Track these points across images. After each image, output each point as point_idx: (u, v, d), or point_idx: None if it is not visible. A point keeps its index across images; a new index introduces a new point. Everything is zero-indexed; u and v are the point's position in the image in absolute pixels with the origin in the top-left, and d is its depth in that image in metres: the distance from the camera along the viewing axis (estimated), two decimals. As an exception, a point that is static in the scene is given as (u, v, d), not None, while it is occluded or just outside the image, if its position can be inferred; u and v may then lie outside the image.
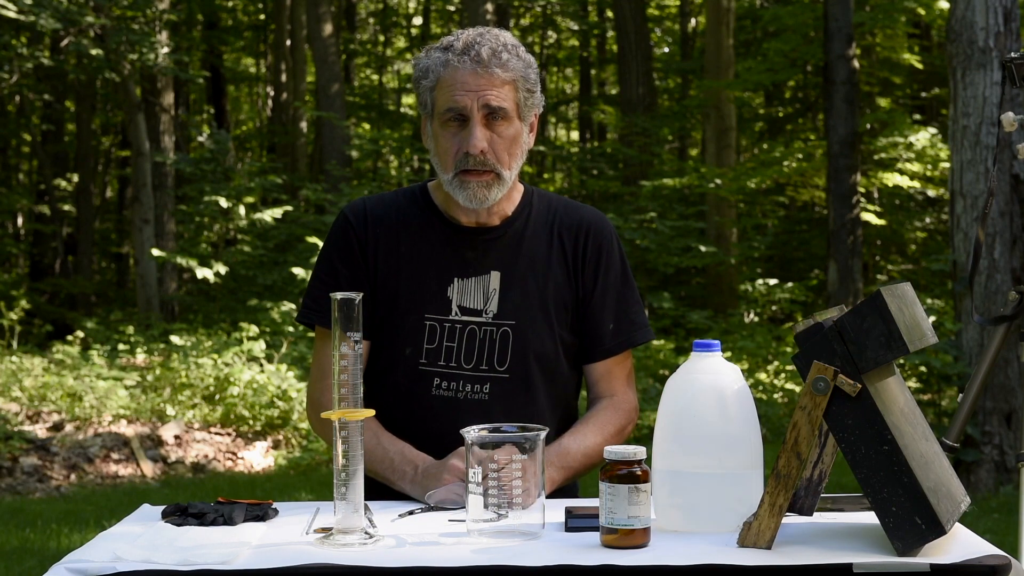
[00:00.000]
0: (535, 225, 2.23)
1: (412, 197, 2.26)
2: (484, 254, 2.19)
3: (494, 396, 2.16)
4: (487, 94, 2.09)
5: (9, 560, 5.16)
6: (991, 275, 6.35)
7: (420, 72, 2.15)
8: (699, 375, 1.71)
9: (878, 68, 15.32)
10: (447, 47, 2.13)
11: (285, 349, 9.68)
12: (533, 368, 2.19)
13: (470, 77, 2.09)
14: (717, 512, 1.67)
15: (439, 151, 2.14)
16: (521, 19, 21.56)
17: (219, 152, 13.47)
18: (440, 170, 2.15)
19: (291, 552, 1.56)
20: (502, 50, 2.11)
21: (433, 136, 2.16)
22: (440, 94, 2.11)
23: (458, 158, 2.11)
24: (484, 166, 2.11)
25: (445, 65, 2.11)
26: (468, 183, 2.11)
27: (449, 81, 2.10)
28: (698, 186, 13.51)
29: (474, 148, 2.09)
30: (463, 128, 2.11)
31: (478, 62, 2.09)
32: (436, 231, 2.21)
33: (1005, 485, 6.26)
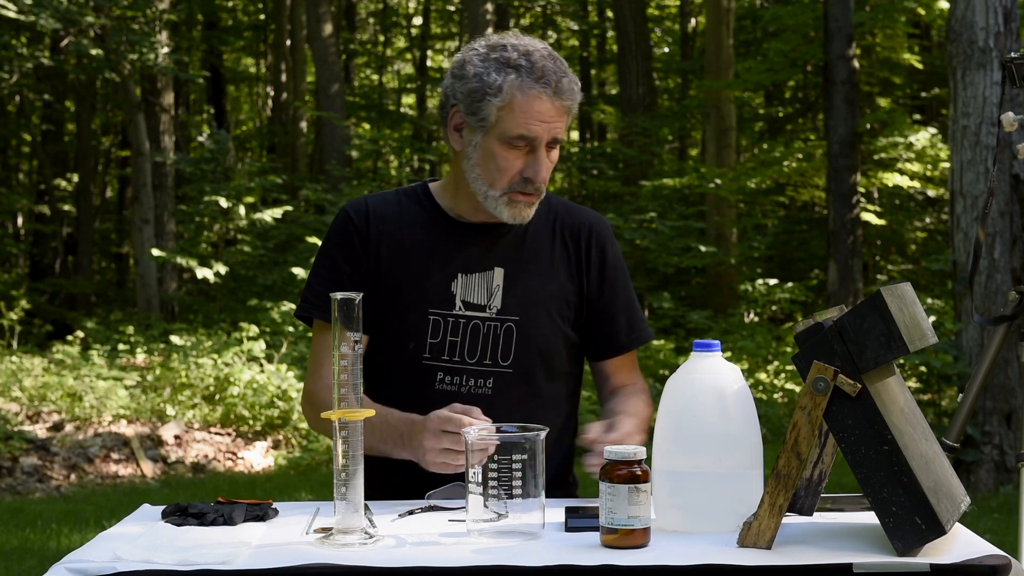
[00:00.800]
0: (537, 223, 2.26)
1: (414, 196, 2.28)
2: (488, 250, 2.22)
3: (497, 391, 2.18)
4: (557, 126, 2.13)
5: (9, 560, 5.16)
6: (991, 275, 6.35)
7: (487, 87, 2.11)
8: (699, 375, 1.71)
9: (878, 68, 15.33)
10: (517, 67, 2.11)
11: (285, 349, 9.68)
12: (536, 363, 2.21)
13: (547, 108, 2.11)
14: (717, 512, 1.67)
15: (494, 168, 2.14)
16: (521, 19, 21.56)
17: (219, 152, 13.47)
18: (483, 184, 2.16)
19: (291, 552, 1.56)
20: (571, 81, 2.15)
21: (485, 151, 2.15)
22: (511, 116, 2.11)
23: (515, 180, 2.14)
24: (537, 190, 2.17)
25: (522, 90, 2.10)
26: (517, 203, 2.16)
27: (525, 107, 2.10)
28: (698, 186, 13.51)
29: (540, 179, 2.15)
30: (527, 153, 2.14)
31: (557, 94, 2.12)
32: (440, 228, 2.23)
33: (1005, 485, 6.26)
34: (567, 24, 20.75)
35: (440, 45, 23.68)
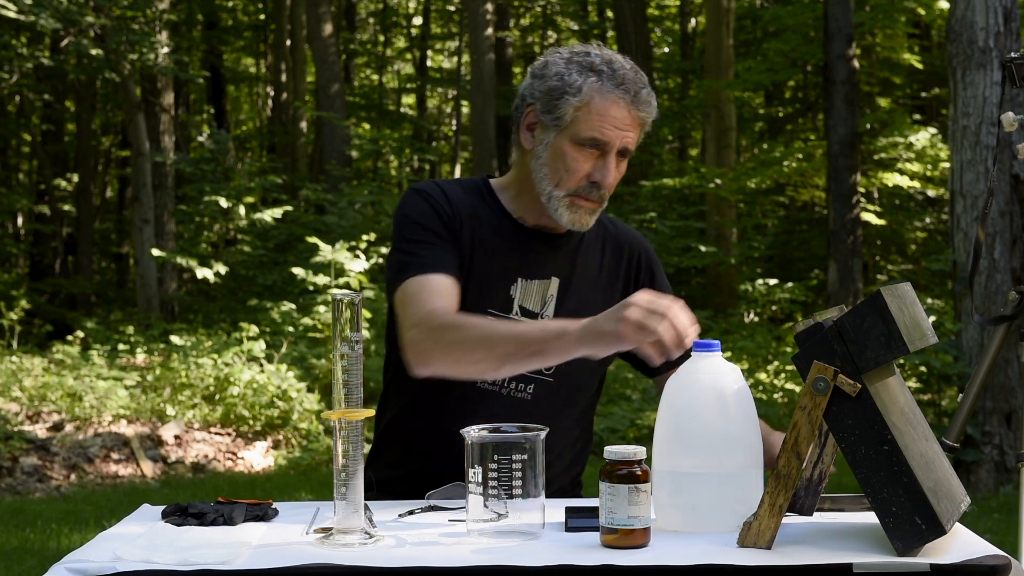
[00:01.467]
0: (589, 237, 2.27)
1: (477, 191, 2.25)
2: (546, 258, 2.21)
3: (536, 397, 2.18)
4: (628, 136, 2.14)
5: (9, 560, 5.16)
6: (991, 275, 6.35)
7: (567, 86, 2.12)
8: (699, 375, 1.71)
9: (878, 68, 15.33)
10: (599, 71, 2.12)
11: (285, 349, 9.69)
12: (576, 375, 2.21)
13: (623, 115, 2.12)
14: (717, 512, 1.67)
15: (562, 168, 2.14)
16: (521, 19, 21.57)
17: (219, 152, 13.48)
18: (549, 182, 2.15)
19: (291, 552, 1.56)
20: (650, 94, 2.16)
21: (555, 150, 2.14)
22: (587, 118, 2.11)
23: (582, 183, 2.14)
24: (601, 198, 2.16)
25: (602, 93, 2.11)
26: (579, 207, 2.15)
27: (603, 110, 2.11)
28: (698, 186, 13.52)
29: (607, 184, 2.14)
30: (598, 157, 2.13)
31: (636, 103, 2.12)
32: (505, 229, 2.21)
33: (1005, 485, 6.27)
34: (567, 24, 20.75)
35: (440, 45, 23.69)
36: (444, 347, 1.98)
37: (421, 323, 2.02)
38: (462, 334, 1.97)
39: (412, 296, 2.07)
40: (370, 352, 9.77)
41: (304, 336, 10.19)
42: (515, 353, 1.93)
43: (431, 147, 21.80)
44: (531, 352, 1.93)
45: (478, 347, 1.95)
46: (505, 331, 1.96)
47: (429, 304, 2.04)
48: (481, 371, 2.00)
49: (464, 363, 1.97)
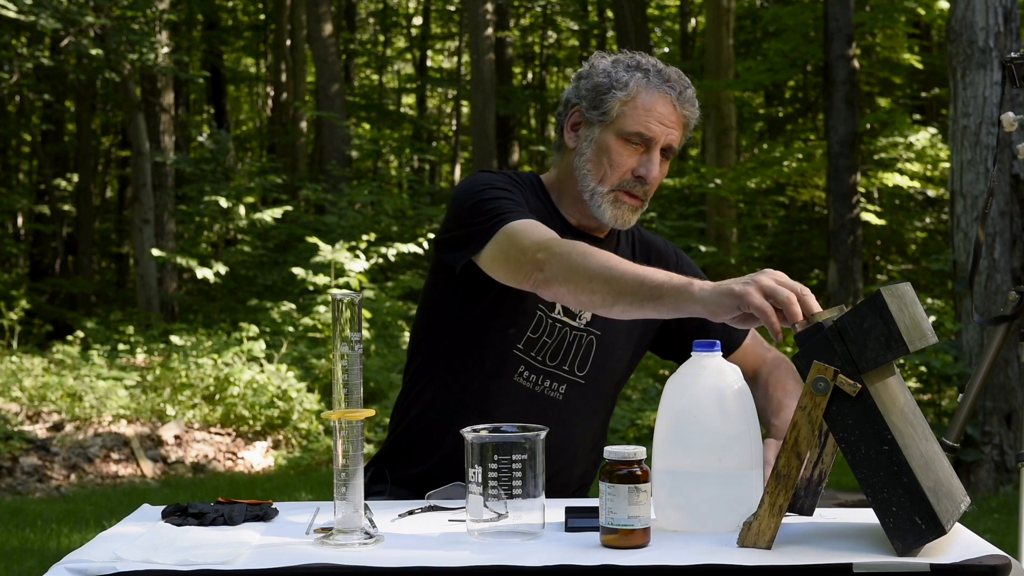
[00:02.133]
0: (623, 242, 2.30)
1: (532, 185, 2.25)
2: None
3: (568, 398, 2.19)
4: (673, 133, 2.15)
5: (9, 560, 5.16)
6: (991, 275, 6.35)
7: (614, 82, 2.14)
8: (699, 375, 1.71)
9: (878, 68, 15.33)
10: (645, 69, 2.15)
11: (285, 349, 9.69)
12: (606, 378, 2.23)
13: (669, 110, 2.14)
14: (717, 512, 1.67)
15: (608, 163, 2.15)
16: (521, 19, 21.57)
17: (219, 152, 13.48)
18: (593, 178, 2.16)
19: (291, 552, 1.56)
20: (695, 95, 2.18)
21: (601, 145, 2.16)
22: (633, 112, 2.13)
23: (626, 177, 2.15)
24: (644, 195, 2.17)
25: (647, 88, 2.14)
26: (622, 203, 2.16)
27: (648, 105, 2.13)
28: (698, 186, 13.52)
29: (652, 177, 2.14)
30: (643, 152, 2.15)
31: (681, 100, 2.15)
32: (556, 226, 2.19)
33: (1005, 485, 6.27)
34: (567, 24, 20.76)
35: (440, 45, 23.69)
36: (569, 269, 1.91)
37: (549, 245, 1.96)
38: (588, 261, 1.90)
39: (522, 231, 2.01)
40: (370, 352, 9.78)
41: (304, 336, 10.19)
42: (633, 292, 1.84)
43: (431, 147, 21.80)
44: (647, 295, 1.83)
45: (598, 278, 1.88)
46: (628, 269, 1.88)
47: (547, 232, 2.00)
48: (595, 303, 1.91)
49: (581, 291, 1.90)
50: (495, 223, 2.05)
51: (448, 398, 2.19)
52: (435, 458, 2.17)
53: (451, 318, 2.17)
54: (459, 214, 2.14)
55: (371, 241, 11.00)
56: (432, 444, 2.20)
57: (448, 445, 2.13)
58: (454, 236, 2.15)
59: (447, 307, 2.18)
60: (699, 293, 1.75)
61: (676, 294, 1.79)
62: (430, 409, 2.23)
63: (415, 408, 2.26)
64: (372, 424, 7.66)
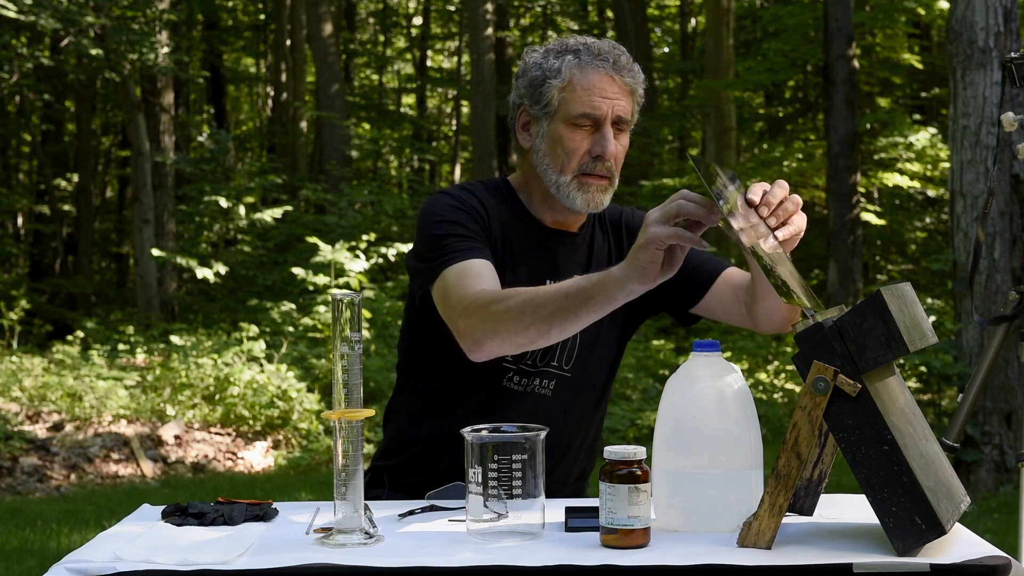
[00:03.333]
0: (596, 228, 2.28)
1: (498, 191, 2.23)
2: (569, 258, 2.21)
3: (557, 393, 2.19)
4: (619, 103, 2.12)
5: (9, 560, 5.16)
6: (991, 275, 6.35)
7: (547, 71, 2.13)
8: (699, 375, 1.71)
9: (878, 68, 15.33)
10: (574, 51, 2.12)
11: (285, 349, 9.68)
12: (593, 370, 2.23)
13: (607, 83, 2.11)
14: (717, 512, 1.67)
15: (561, 152, 2.13)
16: (521, 19, 21.57)
17: (219, 152, 13.49)
18: (554, 171, 2.14)
19: (291, 552, 1.56)
20: (631, 60, 2.15)
21: (552, 137, 2.14)
22: (572, 96, 2.11)
23: (584, 161, 2.12)
24: (608, 172, 2.13)
25: (581, 68, 2.11)
26: (589, 186, 2.13)
27: (585, 85, 2.10)
28: (698, 186, 13.51)
29: (610, 154, 2.11)
30: (594, 131, 2.12)
31: (616, 69, 2.11)
32: (531, 231, 2.20)
33: (1005, 485, 6.27)
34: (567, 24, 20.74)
35: (440, 45, 23.69)
36: (493, 322, 1.91)
37: (468, 308, 1.96)
38: (506, 304, 1.90)
39: (453, 285, 2.01)
40: (370, 352, 9.77)
41: (304, 336, 10.19)
42: (561, 308, 1.85)
43: (431, 147, 21.80)
44: (577, 303, 1.84)
45: (524, 312, 1.88)
46: (548, 291, 1.89)
47: (473, 288, 1.99)
48: (533, 337, 1.90)
49: (515, 333, 1.90)
50: (437, 265, 2.05)
51: (438, 408, 2.19)
52: (432, 471, 2.16)
53: (434, 330, 2.15)
54: (417, 243, 2.17)
55: (371, 241, 11.00)
56: (428, 457, 2.20)
57: (448, 458, 2.12)
58: (412, 267, 2.17)
59: (429, 320, 2.15)
60: (620, 272, 1.78)
61: (602, 286, 1.81)
62: (423, 419, 2.23)
63: (406, 416, 2.27)
64: (372, 424, 7.66)
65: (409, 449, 2.24)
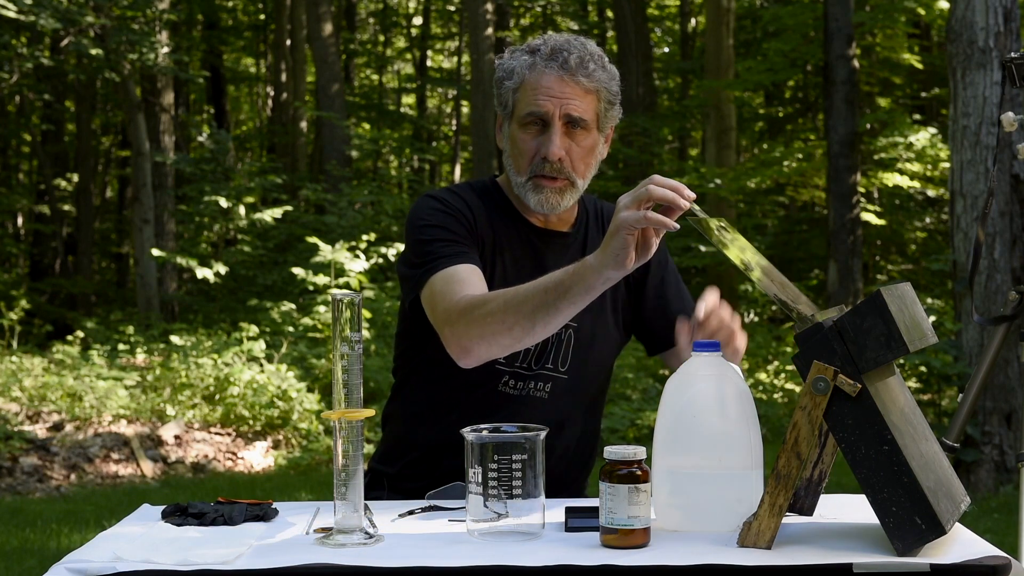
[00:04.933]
0: (592, 230, 2.26)
1: (486, 192, 2.23)
2: (559, 258, 2.19)
3: (553, 395, 2.18)
4: (569, 103, 2.10)
5: (9, 560, 5.16)
6: (991, 275, 6.35)
7: (504, 72, 2.14)
8: (699, 375, 1.71)
9: (878, 68, 15.33)
10: (533, 50, 2.12)
11: (285, 349, 9.68)
12: (589, 371, 2.22)
13: (555, 83, 2.09)
14: (717, 512, 1.67)
15: (516, 153, 2.14)
16: (521, 19, 21.56)
17: (219, 152, 13.48)
18: (513, 171, 2.15)
19: (291, 552, 1.56)
20: (589, 60, 2.11)
21: (510, 138, 2.15)
22: (523, 97, 2.12)
23: (534, 162, 2.12)
24: (560, 173, 2.12)
25: (531, 68, 2.11)
26: (542, 187, 2.12)
27: (533, 85, 2.10)
28: (698, 186, 13.51)
29: (553, 155, 2.10)
30: (543, 132, 2.11)
31: (564, 69, 2.09)
32: (518, 232, 2.20)
33: (1005, 485, 6.26)
34: (567, 24, 20.73)
35: (440, 45, 23.69)
36: (478, 327, 1.92)
37: (452, 314, 1.97)
38: (489, 307, 1.91)
39: (440, 292, 2.02)
40: (370, 352, 9.77)
41: (304, 336, 10.19)
42: (542, 303, 1.86)
43: (431, 147, 21.80)
44: (556, 296, 1.85)
45: (506, 313, 1.89)
46: (527, 287, 1.90)
47: (457, 294, 1.99)
48: (519, 336, 1.90)
49: (499, 334, 1.91)
50: (424, 272, 2.06)
51: (434, 412, 2.19)
52: (430, 476, 2.15)
53: (427, 335, 2.14)
54: (405, 248, 2.18)
55: (371, 241, 11.00)
56: (426, 462, 2.20)
57: (446, 463, 2.11)
58: (401, 273, 2.18)
59: (421, 326, 2.14)
60: (594, 261, 1.79)
61: (579, 277, 1.82)
62: (419, 423, 2.22)
63: (403, 420, 2.27)
64: (372, 424, 7.66)
65: (408, 454, 2.24)
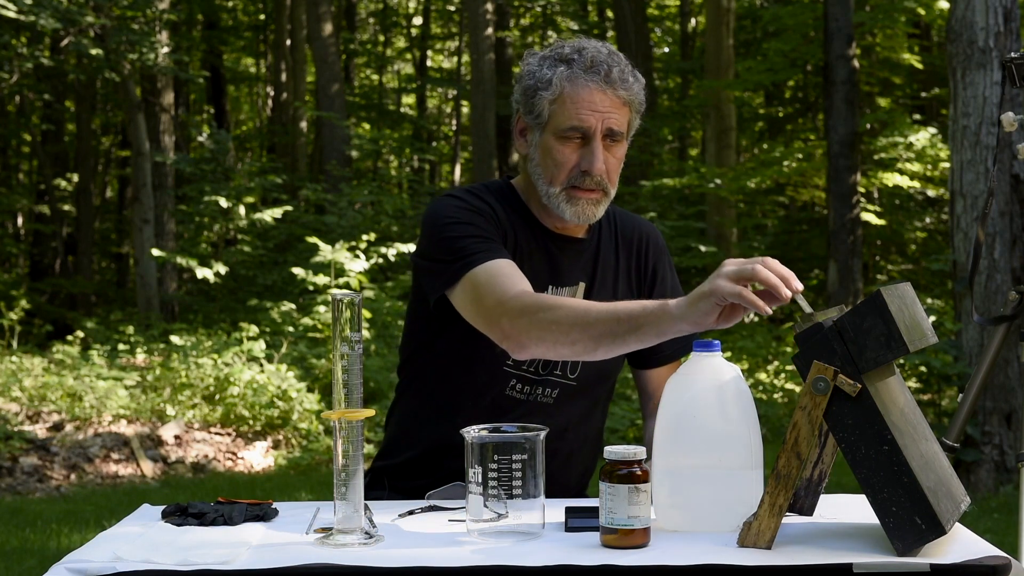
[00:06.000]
0: (604, 236, 2.26)
1: (503, 194, 2.22)
2: (573, 264, 2.20)
3: (559, 401, 2.18)
4: (611, 117, 2.09)
5: (9, 560, 5.16)
6: (991, 275, 6.35)
7: (538, 82, 2.11)
8: (699, 375, 1.71)
9: (878, 68, 15.33)
10: (567, 60, 2.10)
11: (285, 349, 9.68)
12: (597, 377, 2.22)
13: (598, 97, 2.08)
14: (717, 512, 1.67)
15: (552, 164, 2.12)
16: (521, 19, 21.57)
17: (219, 152, 13.48)
18: (544, 181, 2.13)
19: (291, 552, 1.56)
20: (628, 72, 2.12)
21: (544, 148, 2.13)
22: (562, 109, 2.10)
23: (573, 174, 2.11)
24: (598, 185, 2.12)
25: (571, 80, 2.09)
26: (578, 200, 2.11)
27: (575, 98, 2.09)
28: (698, 186, 13.52)
29: (598, 170, 2.09)
30: (583, 145, 2.10)
31: (608, 83, 2.09)
32: (536, 234, 2.19)
33: (1005, 485, 6.26)
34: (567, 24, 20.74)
35: (440, 45, 23.69)
36: (540, 329, 1.90)
37: (511, 308, 1.94)
38: (556, 314, 1.89)
39: (486, 283, 1.99)
40: (370, 352, 9.77)
41: (304, 336, 10.19)
42: (611, 332, 1.84)
43: (431, 147, 21.80)
44: (627, 329, 1.83)
45: (573, 327, 1.87)
46: (600, 310, 1.87)
47: (511, 288, 1.97)
48: (577, 352, 1.90)
49: (561, 344, 1.89)
50: (461, 266, 2.03)
51: (440, 412, 2.18)
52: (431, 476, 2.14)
53: (437, 334, 2.15)
54: (429, 245, 2.14)
55: (371, 241, 11.00)
56: (428, 461, 2.20)
57: (448, 464, 2.11)
58: (425, 268, 2.14)
59: (432, 324, 2.15)
60: (676, 310, 1.76)
61: (656, 319, 1.80)
62: (424, 422, 2.22)
63: (409, 417, 2.27)
64: (372, 424, 7.66)
65: (409, 450, 2.24)
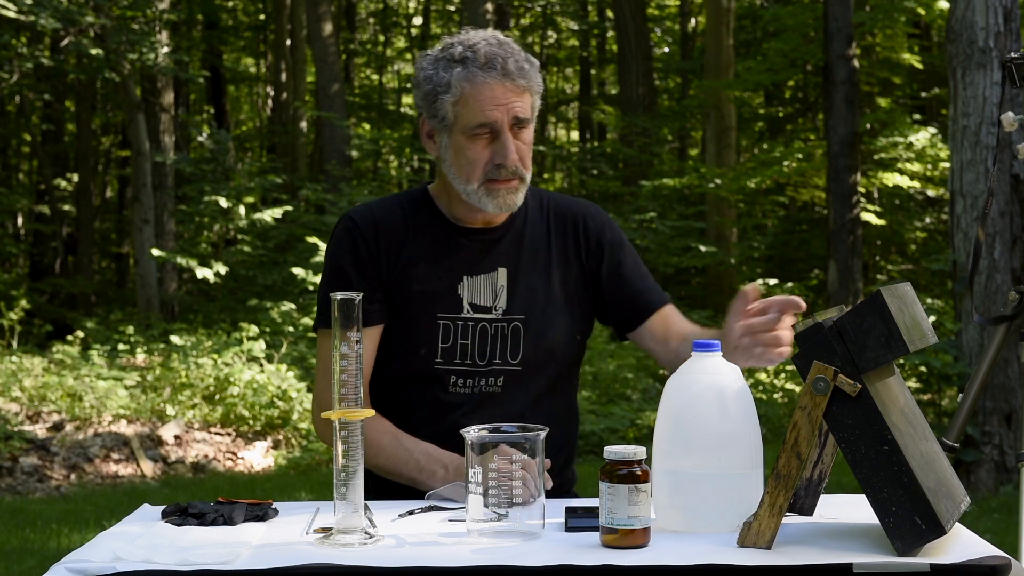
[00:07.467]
0: (533, 221, 2.29)
1: (413, 201, 2.28)
2: (490, 252, 2.24)
3: (507, 388, 2.21)
4: (515, 106, 2.14)
5: (9, 560, 5.16)
6: (991, 275, 6.35)
7: (436, 86, 2.16)
8: (699, 375, 1.71)
9: (878, 68, 15.32)
10: (462, 59, 2.14)
11: (285, 349, 9.69)
12: (543, 360, 2.24)
13: (499, 91, 2.13)
14: (717, 512, 1.67)
15: (464, 163, 2.16)
16: (521, 19, 21.56)
17: (219, 152, 13.47)
18: (460, 181, 2.18)
19: (291, 552, 1.56)
20: (523, 61, 2.16)
21: (454, 148, 2.17)
22: (466, 109, 2.14)
23: (487, 169, 2.15)
24: (514, 174, 2.16)
25: (470, 80, 2.13)
26: (497, 191, 2.16)
27: (477, 96, 2.13)
28: (698, 186, 13.51)
29: (510, 161, 2.14)
30: (493, 140, 2.15)
31: (506, 75, 2.13)
32: (443, 233, 2.24)
33: (1005, 485, 6.26)
34: (567, 24, 20.75)
35: (440, 45, 23.67)
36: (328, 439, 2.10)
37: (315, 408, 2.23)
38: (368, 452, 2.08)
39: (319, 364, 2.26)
40: (370, 352, 9.76)
41: (304, 336, 10.19)
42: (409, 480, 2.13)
43: (431, 147, 21.77)
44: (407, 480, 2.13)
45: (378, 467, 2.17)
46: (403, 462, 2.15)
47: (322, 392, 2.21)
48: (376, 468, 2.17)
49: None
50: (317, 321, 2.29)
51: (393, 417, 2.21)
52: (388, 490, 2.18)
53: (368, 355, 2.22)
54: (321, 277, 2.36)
55: (371, 241, 10.97)
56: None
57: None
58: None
59: None
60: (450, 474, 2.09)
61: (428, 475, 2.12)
62: None
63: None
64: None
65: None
